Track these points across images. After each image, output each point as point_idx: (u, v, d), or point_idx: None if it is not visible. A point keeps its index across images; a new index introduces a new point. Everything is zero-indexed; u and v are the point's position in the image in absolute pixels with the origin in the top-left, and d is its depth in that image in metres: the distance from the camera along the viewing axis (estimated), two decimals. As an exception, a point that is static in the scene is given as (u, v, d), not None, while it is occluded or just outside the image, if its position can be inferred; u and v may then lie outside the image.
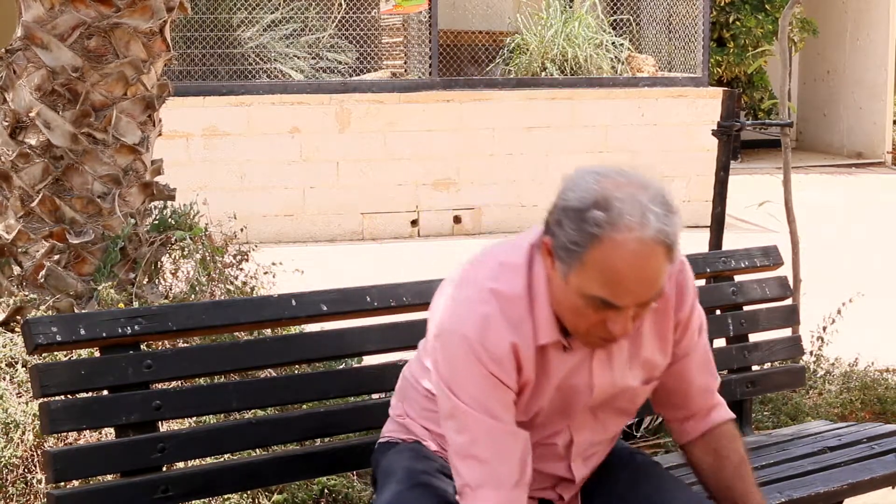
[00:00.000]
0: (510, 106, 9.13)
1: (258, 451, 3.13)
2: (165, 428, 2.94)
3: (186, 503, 2.66)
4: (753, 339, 3.52)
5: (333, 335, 2.86)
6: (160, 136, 4.72)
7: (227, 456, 2.86)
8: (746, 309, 3.48)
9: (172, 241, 4.63)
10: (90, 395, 2.72)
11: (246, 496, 3.51)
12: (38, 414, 2.79)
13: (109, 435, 3.05)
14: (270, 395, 2.80)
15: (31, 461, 3.56)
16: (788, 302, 3.71)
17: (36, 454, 3.55)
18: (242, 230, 5.70)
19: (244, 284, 4.65)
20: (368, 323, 2.92)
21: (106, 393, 2.60)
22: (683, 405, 2.52)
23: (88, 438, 3.59)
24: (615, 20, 10.19)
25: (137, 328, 2.61)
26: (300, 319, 2.88)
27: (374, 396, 3.05)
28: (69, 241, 4.34)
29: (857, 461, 3.21)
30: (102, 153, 4.41)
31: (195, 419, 3.31)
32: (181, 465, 2.98)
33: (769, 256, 3.53)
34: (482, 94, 9.13)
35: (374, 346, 2.91)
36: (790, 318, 3.69)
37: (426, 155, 8.98)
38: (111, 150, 4.43)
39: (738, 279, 3.48)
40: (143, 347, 2.65)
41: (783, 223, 4.86)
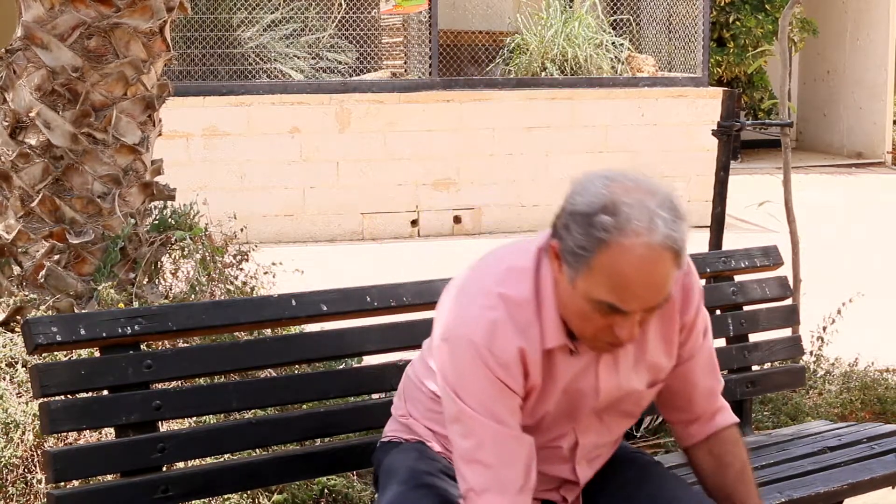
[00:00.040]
0: (510, 106, 9.13)
1: (258, 451, 3.13)
2: (165, 428, 2.94)
3: (186, 503, 2.66)
4: (753, 339, 3.52)
5: (333, 335, 2.86)
6: (160, 136, 4.72)
7: (227, 456, 2.86)
8: (746, 309, 3.48)
9: (172, 241, 4.63)
10: (90, 395, 2.72)
11: (246, 496, 3.51)
12: (38, 414, 2.80)
13: (109, 435, 3.05)
14: (270, 395, 2.80)
15: (31, 461, 3.56)
16: (788, 302, 3.71)
17: (36, 454, 3.55)
18: (242, 230, 5.70)
19: (244, 284, 4.65)
20: (368, 323, 2.92)
21: (106, 393, 2.60)
22: (687, 408, 2.52)
23: (88, 438, 3.59)
24: (615, 20, 10.19)
25: (137, 328, 2.61)
26: (300, 319, 2.88)
27: (374, 396, 3.05)
28: (69, 241, 4.34)
29: (857, 461, 3.21)
30: (102, 153, 4.41)
31: (195, 419, 3.31)
32: (181, 465, 2.98)
33: (769, 256, 3.53)
34: (482, 94, 9.13)
35: (374, 346, 2.91)
36: (790, 318, 3.69)
37: (426, 155, 8.98)
38: (111, 150, 4.43)
39: (738, 279, 3.48)
40: (143, 347, 2.65)
41: (783, 223, 4.86)
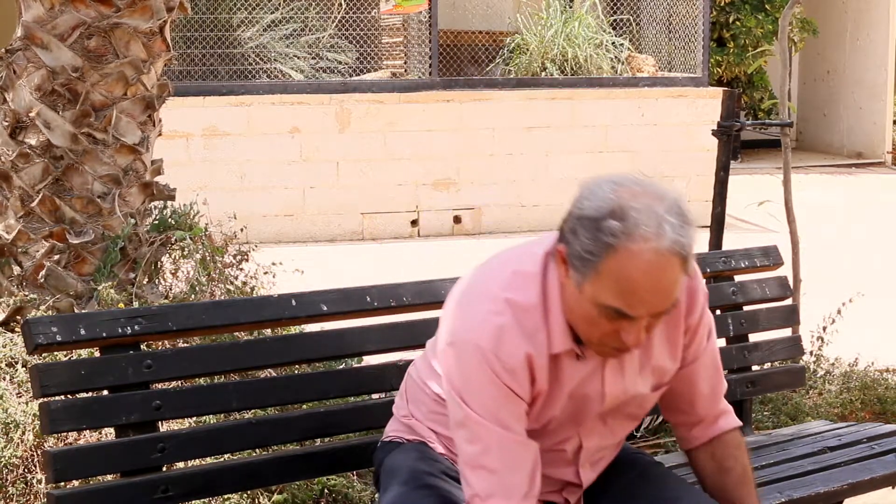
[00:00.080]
0: (510, 106, 9.13)
1: (258, 451, 3.13)
2: (165, 428, 2.94)
3: (186, 503, 2.66)
4: (753, 339, 3.52)
5: (333, 335, 2.86)
6: (160, 136, 4.72)
7: (227, 456, 2.86)
8: (746, 309, 3.48)
9: (172, 241, 4.63)
10: (90, 395, 2.72)
11: (246, 496, 3.51)
12: (38, 414, 2.79)
13: (109, 435, 3.05)
14: (270, 395, 2.80)
15: (31, 461, 3.56)
16: (788, 302, 3.71)
17: (36, 454, 3.55)
18: (242, 230, 5.70)
19: (244, 284, 4.65)
20: (368, 323, 2.91)
21: (106, 393, 2.60)
22: (690, 410, 2.52)
23: (88, 438, 3.59)
24: (615, 20, 10.19)
25: (137, 328, 2.61)
26: (300, 319, 2.87)
27: (374, 396, 3.05)
28: (69, 241, 4.34)
29: (857, 461, 3.20)
30: (102, 153, 4.41)
31: (195, 419, 3.31)
32: (181, 465, 2.98)
33: (769, 256, 3.53)
34: (482, 94, 9.13)
35: (374, 346, 2.91)
36: (790, 318, 3.69)
37: (426, 155, 8.98)
38: (111, 150, 4.43)
39: (738, 279, 3.48)
40: (143, 347, 2.65)
41: (783, 223, 4.86)
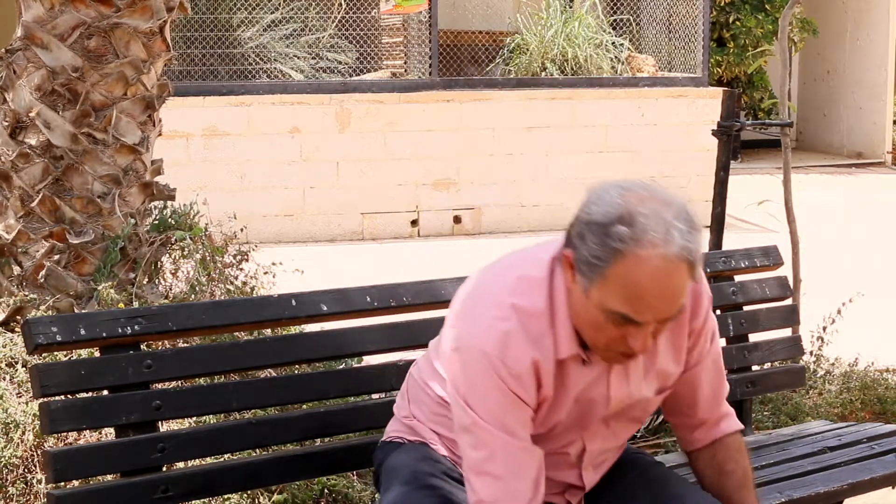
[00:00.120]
0: (510, 106, 9.13)
1: (258, 451, 3.13)
2: (165, 428, 2.94)
3: (186, 503, 2.66)
4: (753, 339, 3.52)
5: (333, 335, 2.86)
6: (160, 136, 4.72)
7: (227, 456, 2.85)
8: (746, 309, 3.48)
9: (172, 241, 4.63)
10: (90, 395, 2.72)
11: (246, 496, 3.51)
12: (38, 414, 2.79)
13: (109, 435, 3.05)
14: (270, 395, 2.80)
15: (31, 461, 3.56)
16: (788, 302, 3.71)
17: (36, 454, 3.55)
18: (242, 230, 5.70)
19: (244, 284, 4.65)
20: (368, 323, 2.91)
21: (106, 393, 2.60)
22: (692, 412, 2.52)
23: (88, 438, 3.59)
24: (615, 20, 10.19)
25: (137, 328, 2.61)
26: (300, 319, 2.87)
27: (374, 396, 3.06)
28: (69, 241, 4.34)
29: (857, 461, 3.20)
30: (102, 153, 4.41)
31: (195, 419, 3.31)
32: (181, 465, 2.98)
33: (769, 256, 3.53)
34: (482, 94, 9.13)
35: (374, 346, 2.91)
36: (790, 318, 3.69)
37: (426, 155, 8.98)
38: (111, 150, 4.43)
39: (738, 279, 3.48)
40: (143, 347, 2.65)
41: (783, 223, 4.86)
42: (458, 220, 9.09)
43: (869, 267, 7.78)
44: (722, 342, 3.44)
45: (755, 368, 3.50)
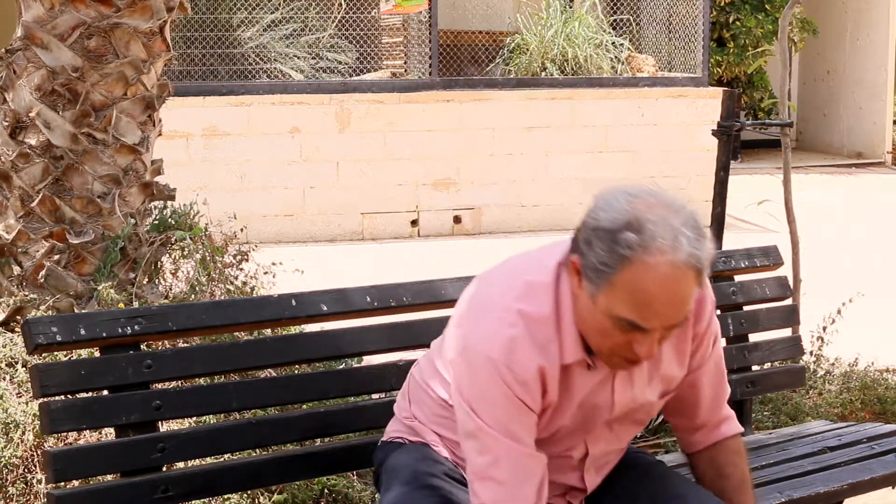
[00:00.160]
0: (510, 106, 9.13)
1: (258, 451, 3.13)
2: (165, 428, 2.94)
3: (186, 503, 2.66)
4: (753, 339, 3.52)
5: (333, 335, 2.85)
6: (160, 136, 4.72)
7: (227, 456, 2.85)
8: (746, 309, 3.48)
9: (172, 241, 4.63)
10: (90, 395, 2.72)
11: (246, 496, 3.51)
12: (38, 414, 2.79)
13: (109, 435, 3.05)
14: (270, 395, 2.80)
15: (31, 461, 3.56)
16: (788, 302, 3.71)
17: (36, 454, 3.55)
18: (242, 230, 5.70)
19: (244, 284, 4.65)
20: (368, 323, 2.91)
21: (106, 393, 2.60)
22: (692, 415, 2.53)
23: (88, 438, 3.59)
24: (615, 20, 10.18)
25: (137, 328, 2.61)
26: (300, 319, 2.87)
27: (374, 396, 3.05)
28: (69, 241, 4.34)
29: (857, 461, 3.21)
30: (102, 153, 4.41)
31: (195, 419, 3.31)
32: (181, 465, 2.98)
33: (769, 256, 3.53)
34: (482, 94, 9.13)
35: (374, 346, 2.91)
36: (790, 318, 3.69)
37: (426, 155, 8.98)
38: (111, 150, 4.43)
39: (738, 279, 3.48)
40: (143, 347, 2.65)
41: (783, 223, 4.86)
42: (458, 220, 9.09)
43: (869, 267, 7.78)
44: (722, 342, 3.44)
45: (755, 368, 3.50)
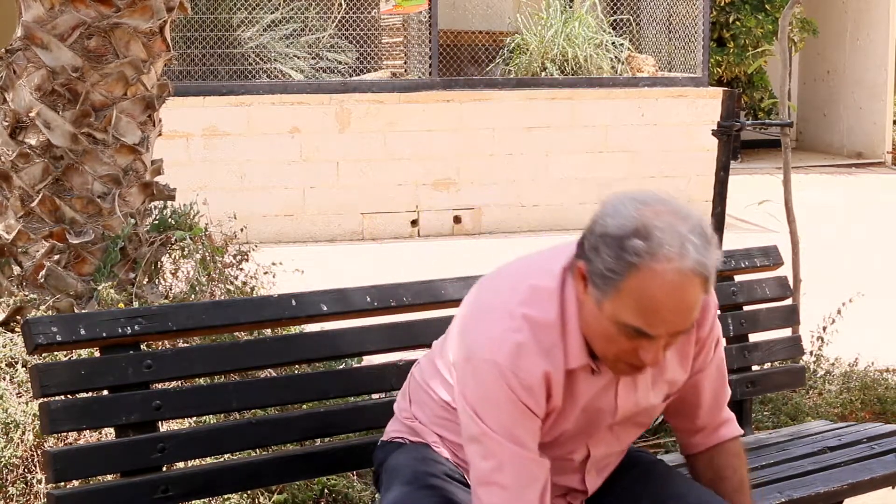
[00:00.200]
0: (510, 106, 9.13)
1: (258, 451, 3.13)
2: (165, 428, 2.94)
3: (186, 503, 2.66)
4: (753, 339, 3.52)
5: (333, 335, 2.85)
6: (160, 136, 4.72)
7: (227, 456, 2.85)
8: (746, 309, 3.48)
9: (172, 241, 4.63)
10: (90, 395, 2.72)
11: (246, 496, 3.51)
12: (38, 414, 2.79)
13: (109, 435, 3.05)
14: (270, 395, 2.80)
15: (31, 461, 3.56)
16: (788, 302, 3.71)
17: (36, 454, 3.55)
18: (242, 230, 5.70)
19: (244, 284, 4.65)
20: (368, 323, 2.91)
21: (106, 393, 2.60)
22: (693, 417, 2.53)
23: (88, 438, 3.59)
24: (615, 20, 10.18)
25: (137, 328, 2.61)
26: (300, 319, 2.87)
27: (374, 396, 3.05)
28: (69, 241, 4.34)
29: (857, 461, 3.21)
30: (102, 153, 4.41)
31: (195, 419, 3.31)
32: (181, 465, 2.98)
33: (769, 256, 3.52)
34: (482, 94, 9.13)
35: (374, 346, 2.91)
36: (790, 318, 3.69)
37: (426, 155, 8.98)
38: (111, 150, 4.43)
39: (738, 279, 3.48)
40: (143, 347, 2.65)
41: (783, 223, 4.86)
42: (458, 220, 9.09)
43: (869, 267, 7.78)
44: (722, 342, 3.45)
45: (755, 368, 3.50)
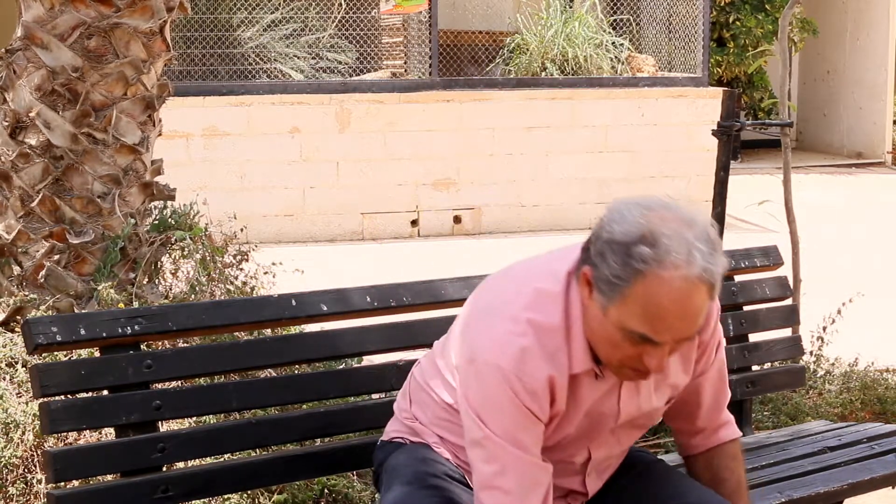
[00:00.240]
0: (510, 106, 9.13)
1: (258, 451, 3.13)
2: (165, 428, 2.94)
3: (186, 503, 2.66)
4: (753, 339, 3.52)
5: (333, 335, 2.85)
6: (160, 136, 4.72)
7: (227, 456, 2.85)
8: (746, 309, 3.48)
9: (172, 241, 4.63)
10: (90, 395, 2.72)
11: (246, 496, 3.51)
12: (38, 414, 2.80)
13: (109, 435, 3.05)
14: (270, 395, 2.80)
15: (31, 461, 3.56)
16: (788, 302, 3.71)
17: (36, 454, 3.55)
18: (242, 230, 5.70)
19: (244, 284, 4.65)
20: (368, 323, 2.91)
21: (106, 393, 2.60)
22: (692, 419, 2.53)
23: (88, 438, 3.59)
24: (615, 20, 10.19)
25: (137, 328, 2.61)
26: (300, 319, 2.87)
27: (374, 396, 3.05)
28: (69, 241, 4.34)
29: (857, 461, 3.21)
30: (102, 153, 4.41)
31: (195, 419, 3.31)
32: (181, 465, 2.98)
33: (769, 256, 3.53)
34: (482, 94, 9.13)
35: (374, 346, 2.91)
36: (790, 318, 3.69)
37: (426, 155, 8.98)
38: (111, 150, 4.43)
39: (738, 279, 3.48)
40: (143, 347, 2.65)
41: (783, 223, 4.86)
42: (458, 220, 9.09)
43: (869, 267, 7.78)
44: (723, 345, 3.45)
45: (755, 368, 3.50)
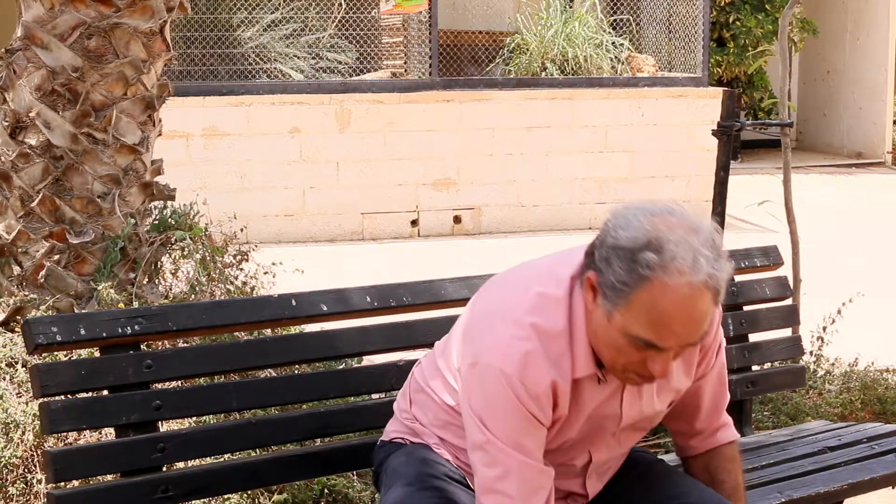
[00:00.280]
0: (510, 106, 9.13)
1: (258, 451, 3.13)
2: (165, 428, 2.94)
3: (186, 503, 2.66)
4: (753, 339, 3.52)
5: (333, 335, 2.85)
6: (160, 136, 4.72)
7: (227, 456, 2.86)
8: (746, 309, 3.48)
9: (172, 241, 4.63)
10: (90, 395, 2.72)
11: (246, 496, 3.51)
12: (38, 414, 2.80)
13: (109, 435, 3.05)
14: (270, 395, 2.80)
15: (31, 461, 3.56)
16: (788, 302, 3.71)
17: (36, 454, 3.55)
18: (242, 230, 5.70)
19: (244, 284, 4.65)
20: (368, 323, 2.92)
21: (106, 393, 2.60)
22: (691, 421, 2.54)
23: (88, 438, 3.59)
24: (615, 20, 10.18)
25: (137, 328, 2.61)
26: (300, 319, 2.87)
27: (374, 396, 3.05)
28: (69, 241, 4.34)
29: (857, 461, 3.21)
30: (102, 153, 4.41)
31: (195, 419, 3.31)
32: (181, 465, 2.98)
33: (769, 256, 3.53)
34: (482, 94, 9.12)
35: (374, 346, 2.91)
36: (790, 318, 3.69)
37: (426, 155, 8.98)
38: (111, 150, 4.43)
39: (738, 279, 3.47)
40: (143, 347, 2.65)
41: (783, 223, 4.86)
42: (458, 220, 9.09)
43: (869, 267, 7.78)
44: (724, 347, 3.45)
45: (755, 368, 3.50)
